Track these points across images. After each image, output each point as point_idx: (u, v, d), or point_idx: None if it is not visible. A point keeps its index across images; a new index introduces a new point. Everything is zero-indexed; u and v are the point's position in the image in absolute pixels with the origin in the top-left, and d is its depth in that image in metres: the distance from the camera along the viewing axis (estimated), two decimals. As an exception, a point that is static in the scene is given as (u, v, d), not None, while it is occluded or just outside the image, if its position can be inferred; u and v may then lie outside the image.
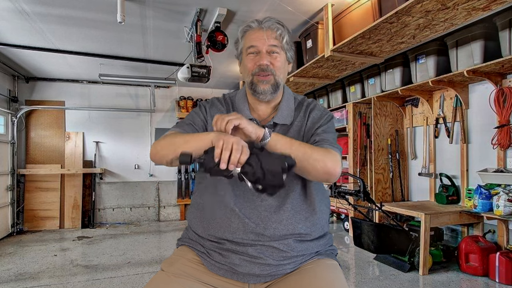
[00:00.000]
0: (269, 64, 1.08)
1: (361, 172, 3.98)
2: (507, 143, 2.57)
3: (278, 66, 1.09)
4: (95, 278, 2.76)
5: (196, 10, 2.78)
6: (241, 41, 1.13)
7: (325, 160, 0.94)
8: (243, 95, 1.18)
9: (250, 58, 1.10)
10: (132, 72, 4.64)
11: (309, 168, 0.94)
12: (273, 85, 1.09)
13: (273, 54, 1.08)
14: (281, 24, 1.10)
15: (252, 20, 1.10)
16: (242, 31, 1.12)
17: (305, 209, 1.06)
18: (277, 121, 1.10)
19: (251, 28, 1.10)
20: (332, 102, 4.51)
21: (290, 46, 1.13)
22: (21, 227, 4.61)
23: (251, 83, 1.10)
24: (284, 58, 1.13)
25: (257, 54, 1.09)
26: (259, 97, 1.10)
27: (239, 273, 1.01)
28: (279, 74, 1.09)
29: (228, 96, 1.23)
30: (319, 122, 1.11)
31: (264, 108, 1.15)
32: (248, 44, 1.09)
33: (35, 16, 2.86)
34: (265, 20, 1.09)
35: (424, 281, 2.58)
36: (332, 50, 2.85)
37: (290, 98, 1.17)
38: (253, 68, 1.09)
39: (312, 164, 0.94)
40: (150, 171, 5.33)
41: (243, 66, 1.14)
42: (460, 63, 2.78)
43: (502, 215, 2.44)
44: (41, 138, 4.86)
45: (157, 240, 4.16)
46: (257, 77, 1.08)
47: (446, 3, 2.02)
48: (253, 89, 1.10)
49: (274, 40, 1.08)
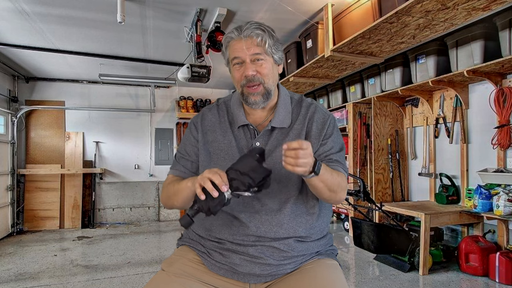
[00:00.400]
0: (255, 74, 1.05)
1: (361, 172, 3.98)
2: (507, 143, 2.57)
3: (265, 73, 1.06)
4: (95, 278, 2.76)
5: (196, 10, 2.78)
6: (226, 52, 1.11)
7: (339, 193, 1.01)
8: (237, 100, 1.15)
9: (236, 69, 1.08)
10: (132, 72, 4.64)
11: (325, 197, 1.01)
12: (264, 94, 1.07)
13: (258, 61, 1.05)
14: (261, 28, 1.05)
15: (233, 29, 1.07)
16: (225, 41, 1.09)
17: (305, 212, 1.06)
18: (274, 125, 1.08)
19: (232, 38, 1.07)
20: (332, 102, 4.51)
21: (275, 48, 1.08)
22: (21, 227, 4.61)
23: (242, 94, 1.09)
24: (271, 63, 1.09)
25: (242, 65, 1.06)
26: (252, 107, 1.09)
27: (240, 273, 1.01)
28: (267, 81, 1.06)
29: (223, 101, 1.21)
30: (324, 128, 1.09)
31: (260, 112, 1.13)
32: (232, 56, 1.07)
33: (35, 16, 2.86)
34: (245, 27, 1.04)
35: (424, 281, 2.58)
36: (332, 50, 2.85)
37: (286, 99, 1.14)
38: (241, 79, 1.07)
39: (331, 196, 1.00)
40: (150, 171, 5.33)
41: (232, 76, 1.13)
42: (460, 63, 2.78)
43: (502, 215, 2.44)
44: (41, 138, 4.86)
45: (157, 240, 4.16)
46: (246, 89, 1.06)
47: (446, 3, 2.02)
48: (245, 100, 1.08)
49: (255, 47, 1.04)
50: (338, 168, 1.05)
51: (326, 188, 0.96)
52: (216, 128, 1.13)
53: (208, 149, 1.11)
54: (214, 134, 1.12)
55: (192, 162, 1.15)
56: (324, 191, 0.97)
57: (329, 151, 1.08)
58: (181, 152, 1.18)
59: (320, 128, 1.09)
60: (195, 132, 1.16)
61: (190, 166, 1.15)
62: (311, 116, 1.11)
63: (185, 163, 1.15)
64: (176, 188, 1.05)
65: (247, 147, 1.08)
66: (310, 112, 1.12)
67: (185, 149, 1.17)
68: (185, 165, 1.15)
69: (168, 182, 1.13)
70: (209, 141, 1.12)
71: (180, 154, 1.18)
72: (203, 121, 1.17)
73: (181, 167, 1.15)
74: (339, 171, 1.04)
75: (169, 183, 1.12)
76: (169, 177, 1.17)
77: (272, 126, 1.08)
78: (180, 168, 1.15)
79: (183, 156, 1.16)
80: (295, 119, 1.11)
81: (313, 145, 1.07)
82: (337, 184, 0.98)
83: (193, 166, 1.15)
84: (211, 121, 1.15)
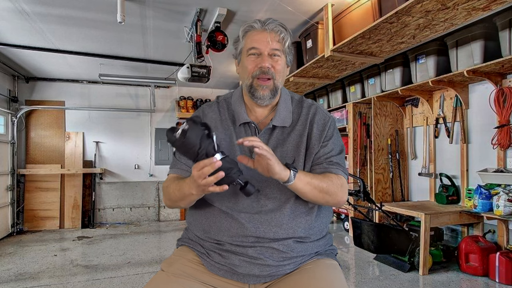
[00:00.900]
0: (270, 67, 1.05)
1: (361, 172, 3.98)
2: (507, 143, 2.57)
3: (279, 70, 1.07)
4: (95, 278, 2.76)
5: (196, 10, 2.78)
6: (242, 41, 1.10)
7: (338, 194, 1.02)
8: (239, 97, 1.15)
9: (251, 60, 1.07)
10: (132, 72, 4.64)
11: (322, 202, 1.03)
12: (272, 90, 1.07)
13: (274, 57, 1.06)
14: (284, 27, 1.07)
15: (255, 20, 1.08)
16: (244, 31, 1.09)
17: (304, 212, 1.05)
18: (276, 124, 1.08)
19: (254, 28, 1.07)
20: (332, 102, 4.51)
21: (290, 50, 1.11)
22: (21, 227, 4.61)
23: (250, 86, 1.08)
24: (284, 62, 1.11)
25: (259, 56, 1.06)
26: (257, 102, 1.09)
27: (239, 274, 1.01)
28: (278, 78, 1.07)
29: (223, 98, 1.20)
30: (325, 130, 1.09)
31: (262, 110, 1.13)
32: (249, 45, 1.07)
33: (35, 16, 2.86)
34: (269, 21, 1.06)
35: (424, 281, 2.58)
36: (332, 50, 2.85)
37: (287, 99, 1.15)
38: (254, 69, 1.06)
39: (326, 198, 1.01)
40: (150, 171, 5.33)
41: (242, 66, 1.12)
42: (460, 63, 2.78)
43: (502, 215, 2.44)
44: (41, 138, 4.86)
45: (157, 240, 4.16)
46: (257, 81, 1.06)
47: (446, 3, 2.02)
48: (252, 93, 1.08)
49: (276, 43, 1.05)
50: (338, 171, 1.05)
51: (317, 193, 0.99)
52: (217, 125, 1.12)
53: None
54: (216, 131, 1.11)
55: (189, 166, 1.11)
56: (313, 196, 0.99)
57: (330, 153, 1.08)
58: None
59: (321, 129, 1.09)
60: None
61: (191, 163, 1.12)
62: (312, 117, 1.11)
63: (186, 160, 1.11)
64: (178, 195, 1.02)
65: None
66: (311, 113, 1.12)
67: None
68: (186, 163, 1.11)
69: (168, 184, 1.09)
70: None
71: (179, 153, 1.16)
72: (204, 117, 1.14)
73: (183, 165, 1.11)
74: (338, 173, 1.05)
75: (169, 185, 1.08)
76: (169, 177, 1.13)
77: (274, 124, 1.08)
78: (181, 167, 1.11)
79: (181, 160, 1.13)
80: (296, 119, 1.11)
81: (314, 146, 1.08)
82: (326, 188, 0.99)
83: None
84: (212, 118, 1.14)
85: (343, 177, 1.06)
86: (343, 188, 1.04)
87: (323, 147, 1.08)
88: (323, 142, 1.08)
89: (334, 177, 1.03)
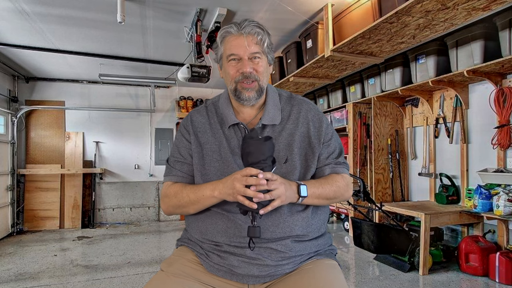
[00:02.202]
0: (252, 71, 1.05)
1: (361, 172, 3.98)
2: (507, 143, 2.57)
3: (261, 71, 1.07)
4: (95, 278, 2.76)
5: (196, 10, 2.78)
6: (221, 46, 1.09)
7: (344, 195, 1.11)
8: (226, 99, 1.15)
9: (232, 65, 1.07)
10: (132, 72, 4.64)
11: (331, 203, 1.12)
12: (258, 91, 1.07)
13: (255, 59, 1.06)
14: (261, 27, 1.06)
15: (231, 24, 1.07)
16: (221, 36, 1.08)
17: (301, 210, 1.05)
18: (265, 122, 1.08)
19: (230, 33, 1.06)
20: (332, 102, 4.51)
21: (270, 48, 1.10)
22: (21, 227, 4.61)
23: (235, 90, 1.07)
24: (266, 62, 1.10)
25: (239, 61, 1.05)
26: (244, 103, 1.09)
27: (238, 274, 1.01)
28: (262, 79, 1.07)
29: (211, 102, 1.20)
30: (322, 127, 1.11)
31: (249, 110, 1.13)
32: (228, 52, 1.06)
33: (35, 16, 2.86)
34: (244, 24, 1.05)
35: (424, 281, 2.58)
36: (332, 50, 2.85)
37: (274, 96, 1.15)
38: (236, 75, 1.06)
39: (333, 202, 1.10)
40: (150, 171, 5.33)
41: (224, 72, 1.11)
42: (460, 63, 2.78)
43: (502, 215, 2.44)
44: (41, 138, 4.86)
45: (157, 240, 4.16)
46: (241, 84, 1.06)
47: (446, 3, 2.02)
48: (238, 96, 1.08)
49: (255, 46, 1.04)
50: (343, 170, 1.13)
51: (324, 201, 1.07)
52: (206, 130, 1.12)
53: (201, 152, 1.10)
54: (206, 136, 1.11)
55: (188, 164, 1.12)
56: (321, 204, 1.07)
57: (334, 153, 1.13)
58: (175, 156, 1.14)
59: (318, 127, 1.11)
60: (187, 135, 1.14)
61: (187, 169, 1.12)
62: (305, 115, 1.12)
63: (181, 166, 1.12)
64: (192, 198, 1.02)
65: (238, 147, 1.07)
66: (304, 111, 1.12)
67: (180, 152, 1.13)
68: (181, 169, 1.12)
69: (176, 190, 1.08)
70: (201, 143, 1.10)
71: (174, 158, 1.14)
72: (193, 123, 1.14)
73: (178, 172, 1.12)
74: (344, 173, 1.13)
75: (178, 190, 1.07)
76: (167, 184, 1.12)
77: (263, 123, 1.08)
78: (177, 173, 1.12)
79: (179, 160, 1.13)
80: (286, 117, 1.11)
81: (315, 146, 1.08)
82: (333, 195, 1.07)
83: (189, 169, 1.11)
84: (201, 122, 1.14)
85: (347, 175, 1.14)
86: (349, 186, 1.13)
87: (327, 147, 1.11)
88: (325, 142, 1.11)
89: (340, 179, 1.09)
